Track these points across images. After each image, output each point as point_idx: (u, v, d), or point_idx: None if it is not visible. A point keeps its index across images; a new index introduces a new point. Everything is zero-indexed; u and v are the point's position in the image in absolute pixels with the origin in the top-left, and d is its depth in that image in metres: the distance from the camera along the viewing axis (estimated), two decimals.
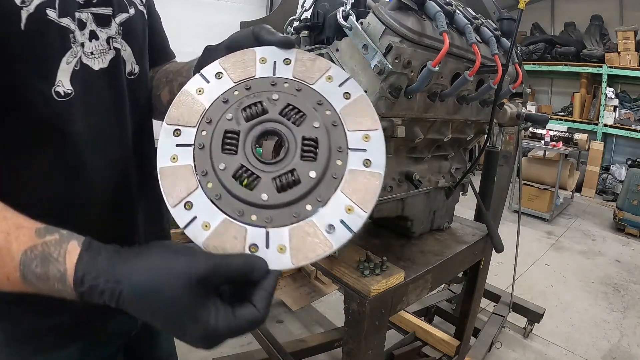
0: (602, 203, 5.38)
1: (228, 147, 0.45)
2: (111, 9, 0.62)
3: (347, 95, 0.49)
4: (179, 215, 0.43)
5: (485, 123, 1.20)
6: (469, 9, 1.01)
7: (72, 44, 0.55)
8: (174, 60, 0.88)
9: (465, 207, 1.78)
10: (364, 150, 0.46)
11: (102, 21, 0.61)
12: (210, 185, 0.44)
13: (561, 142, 4.56)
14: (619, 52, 5.35)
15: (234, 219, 0.43)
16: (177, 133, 0.46)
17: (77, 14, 0.56)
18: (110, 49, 0.62)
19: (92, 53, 0.59)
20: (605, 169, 5.76)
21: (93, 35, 0.59)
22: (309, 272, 2.23)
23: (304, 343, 1.95)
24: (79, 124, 0.58)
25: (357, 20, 0.85)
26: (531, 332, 2.41)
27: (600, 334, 2.49)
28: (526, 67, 5.14)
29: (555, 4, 6.48)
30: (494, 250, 1.33)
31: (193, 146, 0.45)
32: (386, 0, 0.85)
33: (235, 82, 0.49)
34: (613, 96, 5.59)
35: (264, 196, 0.43)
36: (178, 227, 0.43)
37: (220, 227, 0.43)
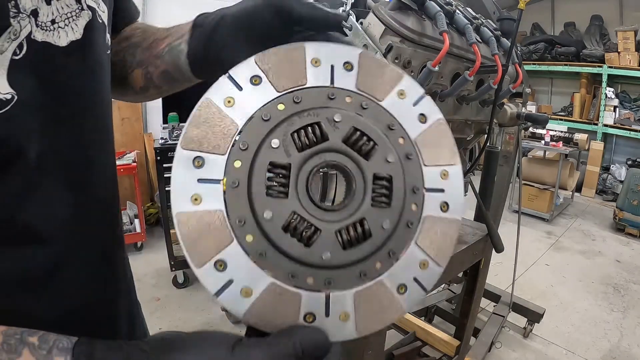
0: (602, 203, 5.38)
1: (275, 188, 0.33)
2: None
3: (422, 118, 0.39)
4: (208, 279, 0.32)
5: (485, 123, 1.20)
6: (469, 9, 1.01)
7: (10, 19, 0.35)
8: (137, 23, 0.64)
9: (466, 207, 1.78)
10: (442, 190, 0.38)
11: None
12: (250, 238, 0.33)
13: (561, 142, 4.56)
14: (619, 52, 5.35)
15: (285, 283, 0.33)
16: (198, 162, 0.33)
17: None
18: (82, 9, 0.42)
19: (53, 22, 0.38)
20: (605, 169, 5.76)
21: None
22: None
23: None
24: (35, 146, 0.38)
25: (357, 20, 0.85)
26: (531, 332, 2.41)
27: (600, 334, 2.49)
28: (526, 67, 5.12)
29: (555, 4, 6.48)
30: (494, 250, 1.34)
31: (223, 183, 0.33)
32: (386, 0, 0.86)
33: (280, 92, 0.36)
34: (613, 96, 5.59)
35: (326, 255, 0.33)
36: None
37: (266, 294, 0.33)
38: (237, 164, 0.33)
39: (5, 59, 0.34)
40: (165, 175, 2.82)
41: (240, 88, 0.35)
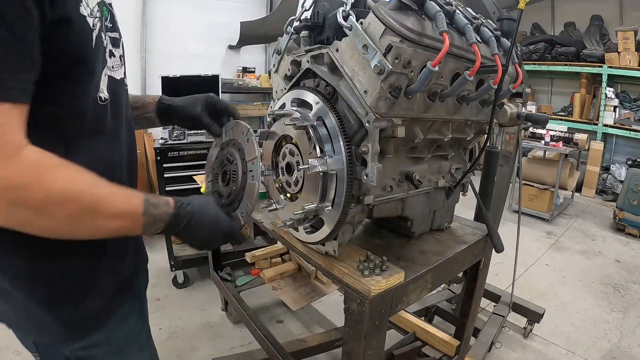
0: (602, 203, 5.38)
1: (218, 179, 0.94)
2: (118, 34, 0.79)
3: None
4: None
5: (485, 123, 1.20)
6: (469, 9, 1.01)
7: (107, 59, 0.73)
8: None
9: (465, 207, 1.77)
10: (251, 170, 0.86)
11: (115, 43, 0.78)
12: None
13: (561, 142, 4.56)
14: (619, 52, 5.34)
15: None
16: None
17: (107, 35, 0.74)
18: (122, 65, 0.81)
19: (112, 67, 0.76)
20: (605, 169, 5.75)
21: (111, 54, 0.76)
22: (308, 272, 2.23)
23: (304, 343, 1.95)
24: (110, 124, 0.75)
25: (357, 20, 0.85)
26: (531, 332, 2.41)
27: (600, 334, 2.49)
28: (526, 67, 5.14)
29: (555, 4, 6.48)
30: (494, 250, 1.33)
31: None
32: (386, 0, 0.85)
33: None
34: (613, 96, 5.58)
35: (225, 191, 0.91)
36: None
37: None
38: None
39: (106, 78, 0.73)
40: (165, 175, 2.82)
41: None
